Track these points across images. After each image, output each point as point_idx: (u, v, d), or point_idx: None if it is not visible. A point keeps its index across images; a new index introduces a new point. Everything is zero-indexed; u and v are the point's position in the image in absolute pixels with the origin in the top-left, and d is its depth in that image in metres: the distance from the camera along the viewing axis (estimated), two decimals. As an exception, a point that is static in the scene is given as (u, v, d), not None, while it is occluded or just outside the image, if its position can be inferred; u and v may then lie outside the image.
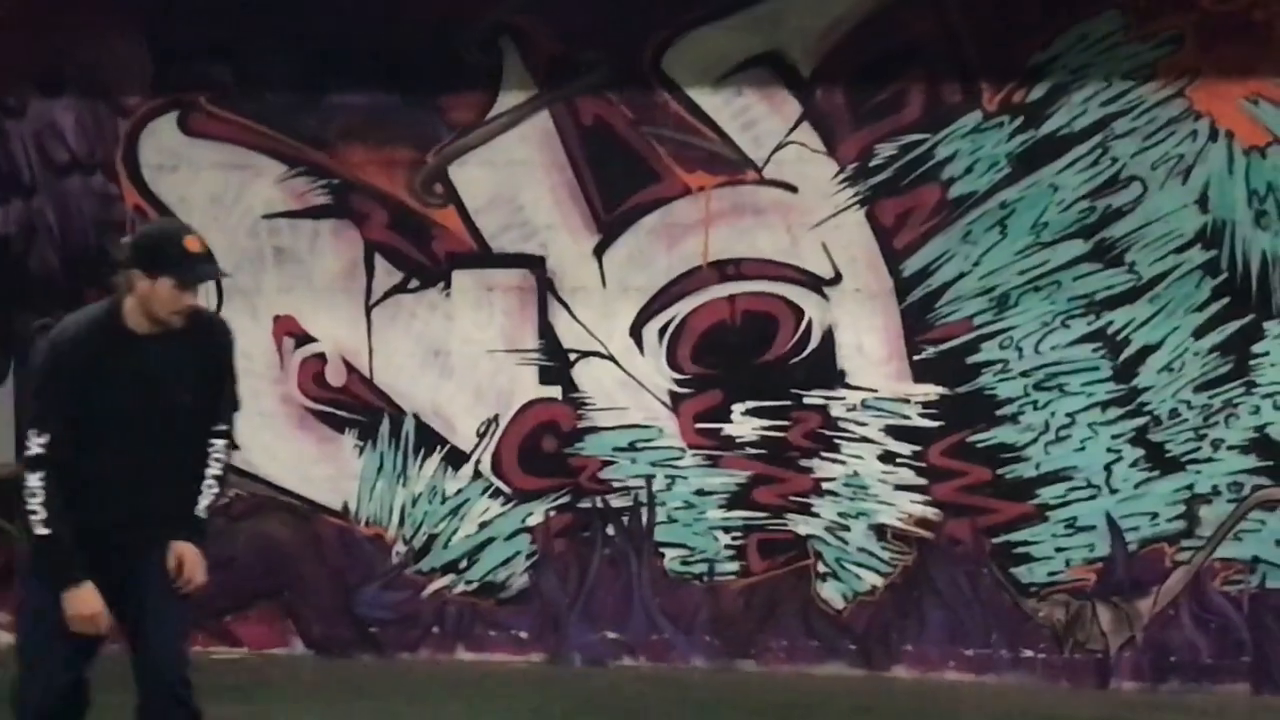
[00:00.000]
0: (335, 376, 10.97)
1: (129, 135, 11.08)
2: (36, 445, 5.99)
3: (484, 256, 10.82)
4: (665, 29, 10.47)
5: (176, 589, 6.18)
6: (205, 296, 10.16)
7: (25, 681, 6.16)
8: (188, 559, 6.17)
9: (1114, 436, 10.19)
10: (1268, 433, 10.01)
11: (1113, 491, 10.18)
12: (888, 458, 10.45)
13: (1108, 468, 10.20)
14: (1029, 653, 10.33)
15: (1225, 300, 10.03)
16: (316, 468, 11.02)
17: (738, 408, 10.52)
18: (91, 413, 6.04)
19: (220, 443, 6.27)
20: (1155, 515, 10.14)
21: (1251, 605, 10.02)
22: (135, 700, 6.23)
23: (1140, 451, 10.16)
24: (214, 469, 6.24)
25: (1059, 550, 10.29)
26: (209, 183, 11.06)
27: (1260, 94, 9.92)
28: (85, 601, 5.97)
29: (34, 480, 5.95)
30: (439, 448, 10.87)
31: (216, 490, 6.31)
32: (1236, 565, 10.09)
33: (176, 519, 6.25)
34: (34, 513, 5.98)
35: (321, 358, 10.97)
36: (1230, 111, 9.92)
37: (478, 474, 10.85)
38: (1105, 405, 10.21)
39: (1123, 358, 10.14)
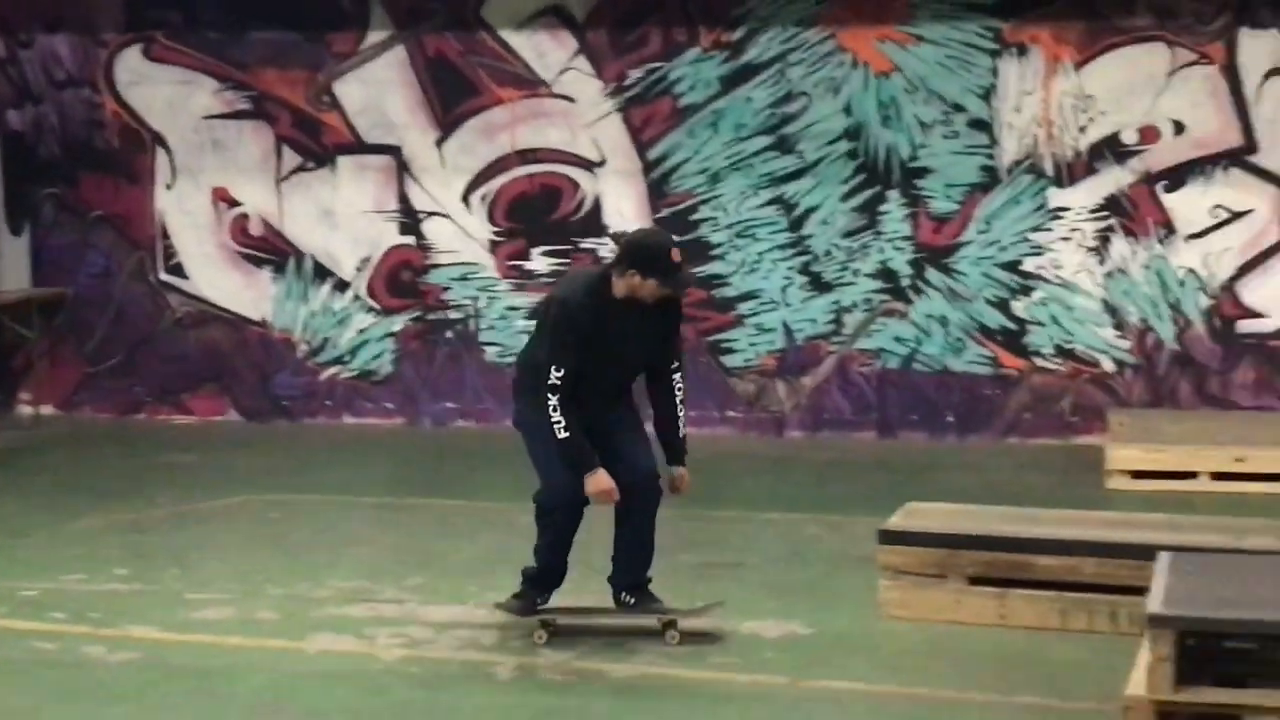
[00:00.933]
0: (256, 229, 12.32)
1: (107, 61, 12.37)
2: (554, 376, 6.63)
3: (359, 146, 12.11)
4: None
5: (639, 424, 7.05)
6: (163, 176, 12.06)
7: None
8: (685, 479, 7.07)
9: (788, 269, 11.55)
10: (889, 265, 11.37)
11: (787, 305, 11.57)
12: None
13: (783, 289, 11.57)
14: (732, 413, 11.69)
15: (862, 176, 11.37)
16: (244, 292, 12.36)
17: (535, 251, 11.90)
18: (590, 354, 6.69)
19: (678, 375, 6.97)
20: (815, 321, 11.53)
21: (877, 380, 11.45)
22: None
23: (805, 278, 11.54)
24: (679, 396, 6.98)
25: (751, 345, 11.67)
26: (165, 94, 12.28)
27: (887, 36, 11.24)
28: (600, 482, 6.68)
29: (554, 400, 6.62)
30: (329, 278, 12.22)
31: (684, 412, 7.04)
32: (868, 354, 11.46)
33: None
34: (558, 423, 6.63)
35: (246, 216, 12.31)
36: (866, 48, 11.27)
37: (356, 297, 12.21)
38: (783, 247, 11.56)
39: (794, 216, 11.50)
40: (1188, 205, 11.16)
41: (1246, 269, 11.10)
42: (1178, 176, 11.15)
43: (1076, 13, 11.12)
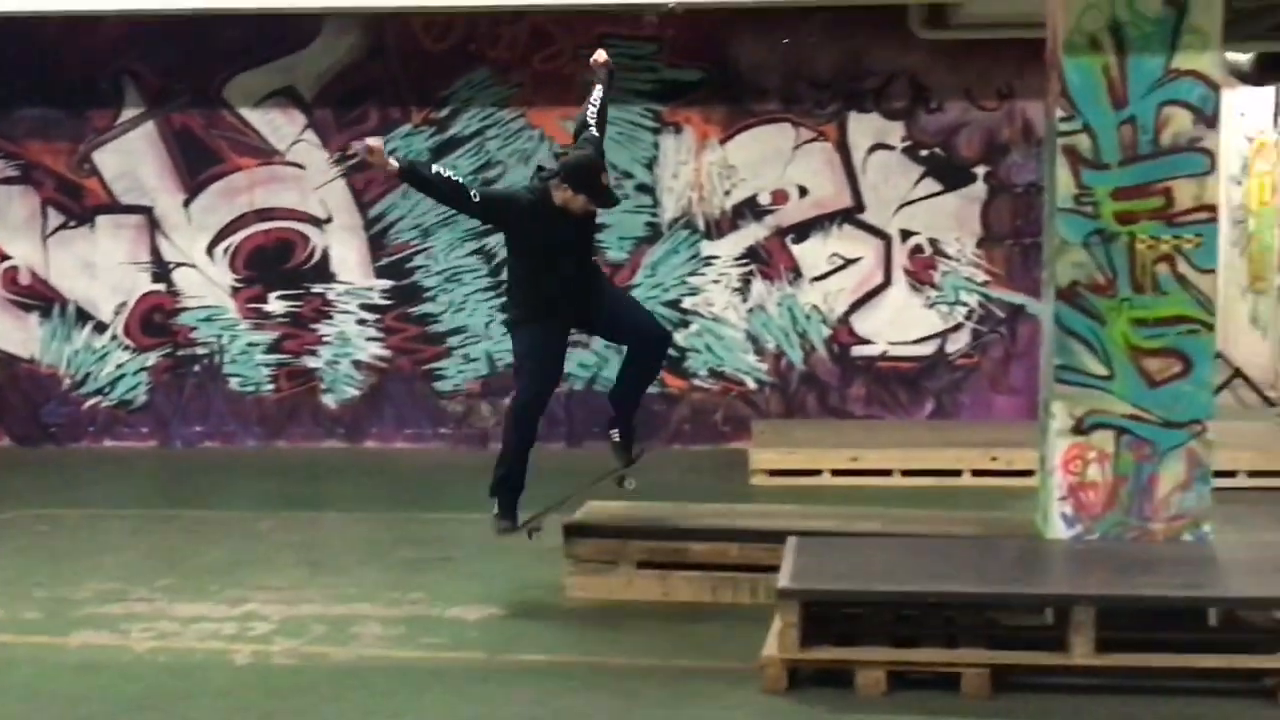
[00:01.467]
0: (25, 279, 11.84)
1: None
2: (463, 180, 6.83)
3: (116, 206, 11.73)
4: (225, 72, 11.51)
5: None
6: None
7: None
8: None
9: (489, 308, 11.45)
10: None
11: (489, 339, 11.48)
12: (362, 322, 11.63)
13: (486, 325, 11.49)
14: (443, 430, 11.59)
15: None
16: (15, 334, 11.89)
17: (272, 295, 11.66)
18: (535, 243, 6.87)
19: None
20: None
21: (566, 400, 11.28)
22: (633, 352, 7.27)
23: (504, 315, 10.58)
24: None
25: (459, 372, 11.58)
26: (-56, 162, 11.44)
27: (567, 116, 10.66)
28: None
29: (440, 170, 6.83)
30: (90, 321, 11.80)
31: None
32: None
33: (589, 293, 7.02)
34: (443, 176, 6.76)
35: (16, 268, 11.84)
36: (551, 125, 11.29)
37: (114, 336, 11.79)
38: (484, 290, 11.47)
39: (494, 263, 11.37)
40: (811, 254, 11.43)
41: (857, 305, 11.44)
42: (803, 230, 11.42)
43: (720, 99, 11.36)
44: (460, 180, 6.87)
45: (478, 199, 6.85)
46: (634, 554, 7.31)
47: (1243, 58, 12.47)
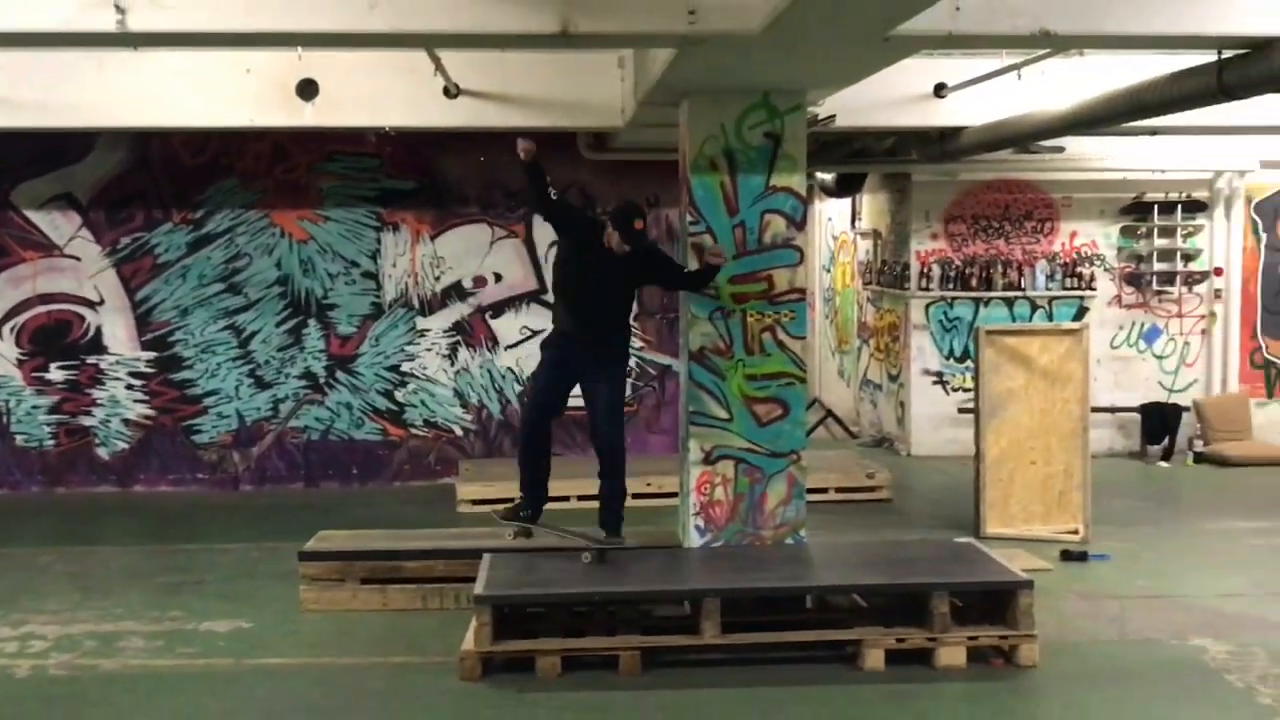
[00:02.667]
0: None
1: None
2: (554, 192, 6.43)
3: None
4: (11, 180, 10.76)
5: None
6: None
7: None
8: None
9: (239, 373, 10.99)
10: (311, 369, 10.96)
11: (239, 398, 10.99)
12: (130, 386, 10.86)
13: (236, 388, 11.00)
14: (200, 475, 11.00)
15: (290, 310, 10.93)
16: None
17: (53, 365, 10.93)
18: (575, 267, 6.50)
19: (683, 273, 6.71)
20: (259, 408, 10.94)
21: (305, 448, 11.02)
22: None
23: (252, 379, 10.99)
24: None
25: (214, 427, 11.02)
26: None
27: (305, 216, 10.81)
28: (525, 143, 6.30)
29: (545, 184, 6.30)
30: None
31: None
32: (297, 430, 11.03)
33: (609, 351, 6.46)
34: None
35: None
36: (290, 224, 10.90)
37: None
38: (235, 359, 10.97)
39: (243, 336, 10.96)
40: (506, 327, 11.35)
41: (542, 367, 11.40)
42: (499, 308, 11.34)
43: (429, 203, 11.22)
44: (552, 188, 6.57)
45: (555, 197, 6.56)
46: (358, 572, 7.13)
47: (829, 177, 13.10)
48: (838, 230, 15.20)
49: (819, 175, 13.28)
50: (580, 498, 9.77)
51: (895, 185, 12.57)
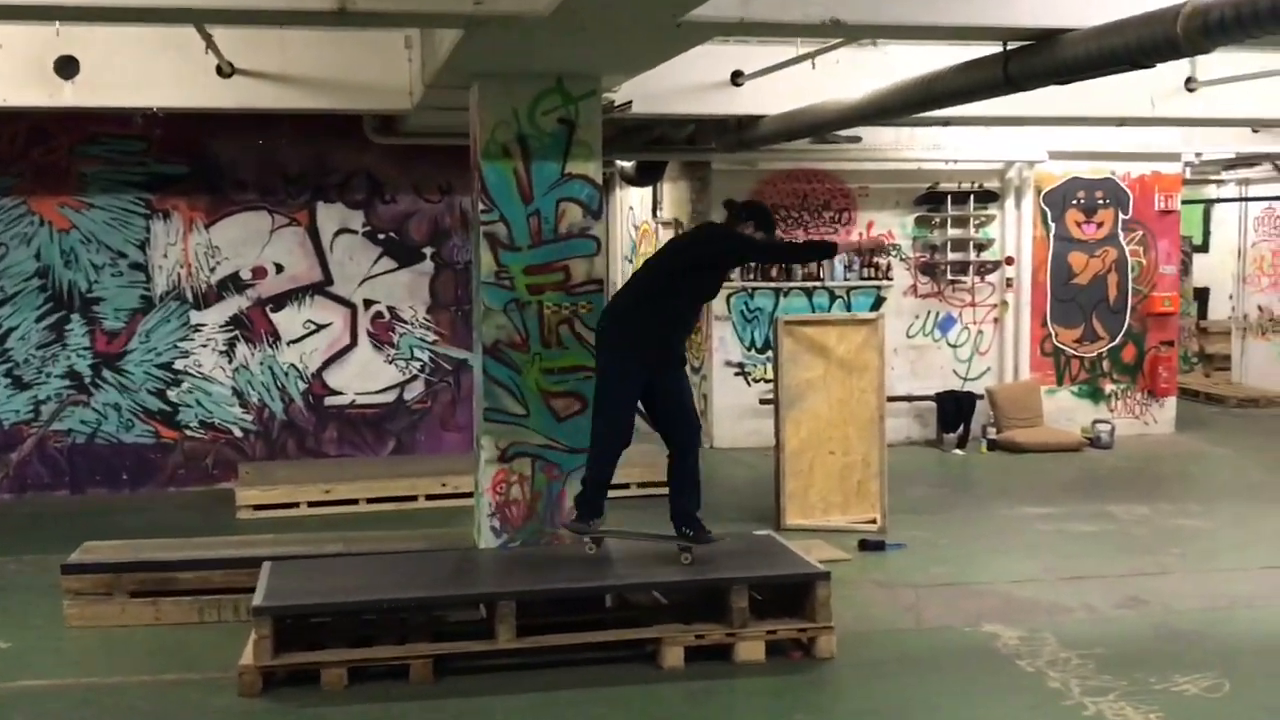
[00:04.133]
0: None
1: None
2: (775, 243, 6.73)
3: None
4: None
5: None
6: None
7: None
8: None
9: None
10: (75, 368, 10.54)
11: None
12: None
13: None
14: None
15: (52, 304, 10.50)
16: None
17: None
18: (706, 281, 6.53)
19: None
20: (18, 411, 10.50)
21: (69, 452, 10.58)
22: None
23: (9, 380, 10.50)
24: None
25: None
26: None
27: (66, 203, 10.40)
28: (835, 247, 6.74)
29: (795, 247, 6.54)
30: None
31: None
32: (60, 433, 10.59)
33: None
34: (801, 243, 6.22)
35: None
36: (50, 211, 10.46)
37: None
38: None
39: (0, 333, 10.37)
40: (288, 320, 11.08)
41: (329, 362, 11.17)
42: (280, 300, 11.06)
43: (203, 189, 10.86)
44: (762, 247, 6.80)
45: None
46: (127, 585, 6.87)
47: (629, 165, 13.21)
48: (639, 219, 15.34)
49: (618, 163, 13.39)
50: (369, 500, 9.66)
51: (696, 174, 12.76)
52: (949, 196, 12.69)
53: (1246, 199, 16.24)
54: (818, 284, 12.43)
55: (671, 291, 6.42)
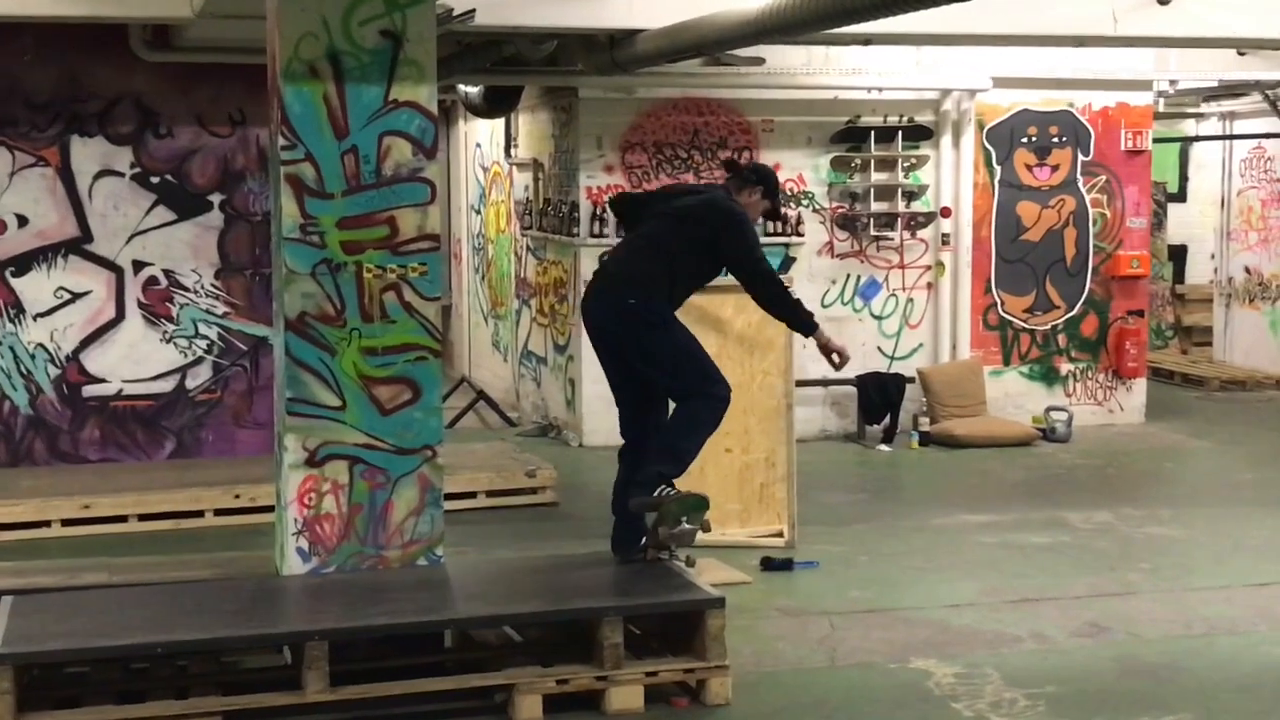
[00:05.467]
0: None
1: None
2: (775, 272, 7.28)
3: None
4: None
5: None
6: None
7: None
8: None
9: None
10: None
11: None
12: None
13: None
14: None
15: None
16: None
17: None
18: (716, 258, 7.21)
19: None
20: None
21: None
22: None
23: None
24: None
25: None
26: None
27: None
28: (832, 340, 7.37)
29: (787, 288, 7.24)
30: None
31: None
32: None
33: None
34: (798, 300, 7.24)
35: None
36: None
37: None
38: None
39: None
40: (34, 288, 10.90)
41: (89, 341, 11.01)
42: (24, 263, 10.87)
43: (-84, 117, 10.67)
44: (762, 261, 7.31)
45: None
46: None
47: (474, 90, 13.17)
48: (488, 160, 15.37)
49: (460, 89, 13.37)
50: (142, 517, 9.54)
51: (559, 103, 12.79)
52: (872, 133, 12.90)
53: (1231, 136, 16.77)
54: (711, 241, 12.50)
55: (679, 269, 7.18)
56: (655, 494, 6.84)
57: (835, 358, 7.34)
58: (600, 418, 12.48)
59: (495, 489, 10.11)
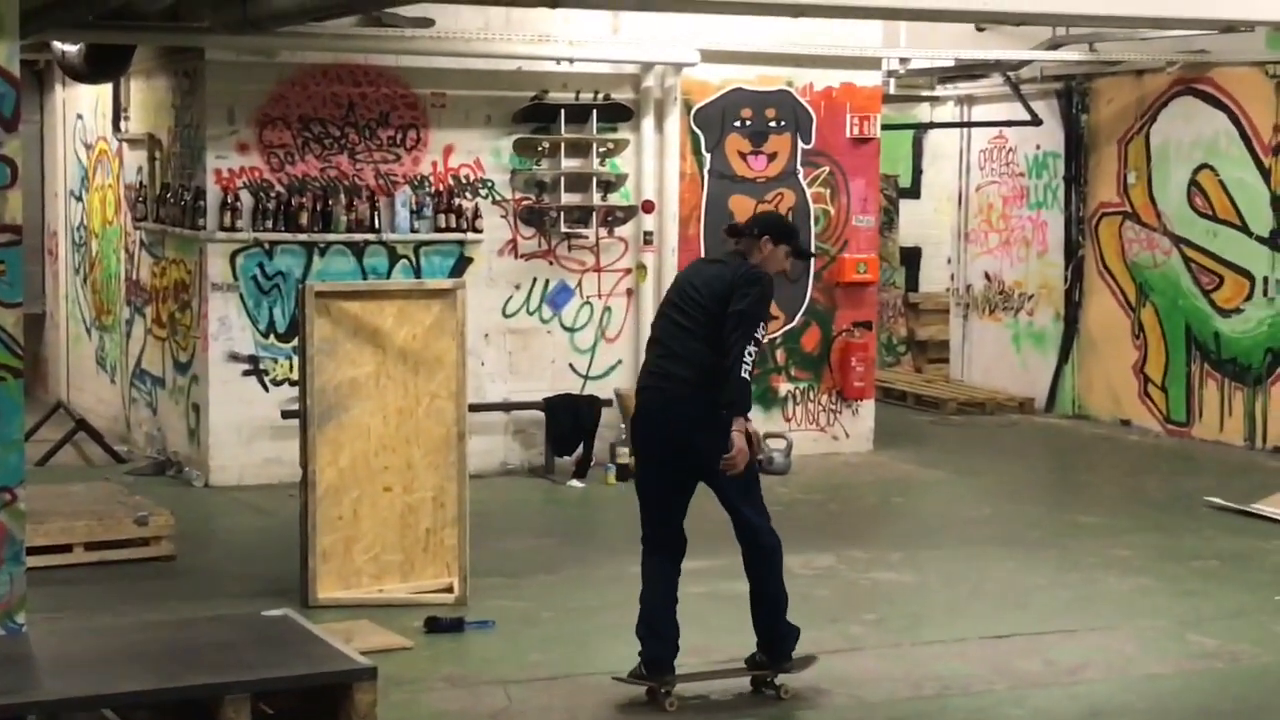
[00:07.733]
0: None
1: None
2: (757, 336, 7.43)
3: None
4: None
5: None
6: None
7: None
8: None
9: None
10: None
11: None
12: None
13: None
14: None
15: None
16: None
17: None
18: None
19: None
20: None
21: None
22: None
23: None
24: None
25: None
26: None
27: None
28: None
29: (751, 350, 7.32)
30: None
31: None
32: None
33: None
34: (748, 365, 7.31)
35: None
36: None
37: None
38: None
39: None
40: None
41: None
42: None
43: None
44: (752, 327, 7.45)
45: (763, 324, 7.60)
46: None
47: (73, 49, 12.78)
48: (92, 136, 14.99)
49: (57, 46, 12.97)
50: None
51: (181, 67, 12.59)
52: (562, 112, 12.98)
53: (969, 124, 17.37)
54: (372, 237, 12.39)
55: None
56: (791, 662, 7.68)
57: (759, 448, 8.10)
58: (232, 450, 12.26)
59: (96, 540, 9.81)
